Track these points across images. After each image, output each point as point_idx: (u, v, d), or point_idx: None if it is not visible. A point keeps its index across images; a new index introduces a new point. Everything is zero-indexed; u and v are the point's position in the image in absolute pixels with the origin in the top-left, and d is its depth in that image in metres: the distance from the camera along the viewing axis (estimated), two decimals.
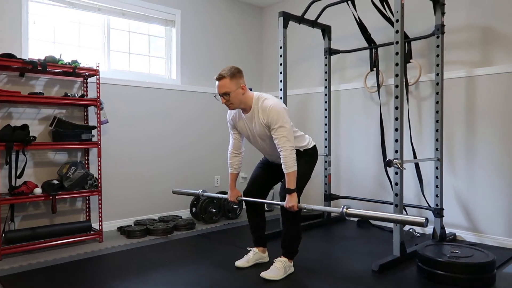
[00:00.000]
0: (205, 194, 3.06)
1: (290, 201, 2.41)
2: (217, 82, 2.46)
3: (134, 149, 3.96)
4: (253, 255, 2.73)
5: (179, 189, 3.35)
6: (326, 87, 4.09)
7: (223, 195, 2.96)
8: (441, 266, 2.40)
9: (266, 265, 2.64)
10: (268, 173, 2.75)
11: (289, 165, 2.41)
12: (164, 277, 2.56)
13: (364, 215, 2.31)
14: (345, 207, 2.27)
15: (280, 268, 2.49)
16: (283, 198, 2.47)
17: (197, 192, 3.09)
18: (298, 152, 2.54)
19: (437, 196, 3.27)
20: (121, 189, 3.86)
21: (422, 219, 2.03)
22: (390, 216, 2.28)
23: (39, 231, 3.13)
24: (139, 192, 4.00)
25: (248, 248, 2.83)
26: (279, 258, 2.56)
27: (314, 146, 2.71)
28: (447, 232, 3.31)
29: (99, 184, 3.39)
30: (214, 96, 2.56)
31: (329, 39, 4.07)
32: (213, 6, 4.67)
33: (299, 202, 2.48)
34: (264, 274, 2.47)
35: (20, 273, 2.62)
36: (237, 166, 2.77)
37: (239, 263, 2.70)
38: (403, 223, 2.36)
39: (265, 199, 2.72)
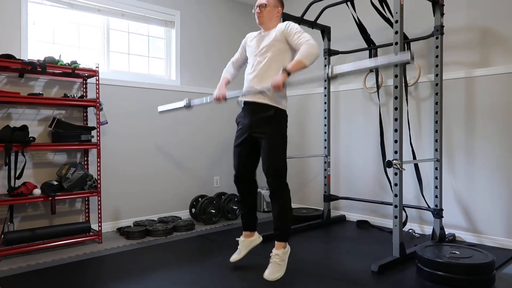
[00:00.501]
0: (192, 103, 2.97)
1: (278, 77, 2.32)
2: None
3: (134, 150, 3.96)
4: (242, 245, 2.74)
5: (165, 107, 3.18)
6: (325, 88, 4.09)
7: (208, 98, 2.83)
8: (441, 267, 2.40)
9: (262, 266, 2.60)
10: (247, 152, 2.67)
11: (304, 54, 2.35)
12: (164, 278, 2.55)
13: (350, 70, 2.21)
14: (330, 66, 2.22)
15: (279, 263, 2.49)
16: (266, 174, 2.51)
17: (183, 103, 2.98)
18: (276, 109, 2.52)
19: (436, 196, 3.27)
20: (120, 190, 3.86)
21: (407, 56, 1.97)
22: (376, 62, 2.21)
23: (38, 232, 3.12)
24: (139, 193, 4.00)
25: (236, 238, 2.83)
26: (273, 252, 2.54)
27: (285, 111, 2.64)
28: (446, 233, 3.31)
29: (99, 185, 3.39)
30: (252, 9, 2.73)
31: (329, 40, 4.07)
32: (213, 7, 4.68)
33: (284, 177, 2.51)
34: (268, 277, 2.46)
35: (19, 274, 2.62)
36: (231, 73, 2.86)
37: (233, 258, 2.73)
38: (389, 65, 2.27)
39: (254, 180, 2.75)
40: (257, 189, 2.81)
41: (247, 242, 2.75)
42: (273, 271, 2.48)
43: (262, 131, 2.53)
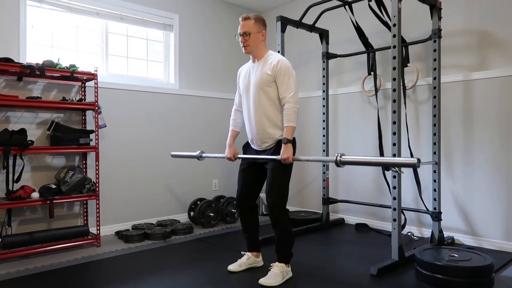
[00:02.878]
0: (204, 155, 3.01)
1: (285, 152, 2.40)
2: (241, 21, 2.56)
3: (132, 153, 3.95)
4: (246, 260, 2.73)
5: (178, 153, 3.26)
6: (324, 91, 4.10)
7: (221, 155, 2.86)
8: (440, 270, 2.40)
9: (260, 270, 2.64)
10: (253, 174, 2.69)
11: (290, 118, 2.43)
12: (162, 281, 2.55)
13: (358, 161, 2.28)
14: (339, 155, 2.23)
15: (277, 273, 2.48)
16: (268, 201, 2.50)
17: (195, 154, 3.03)
18: (277, 143, 2.53)
19: (435, 199, 3.27)
20: (119, 193, 3.85)
21: (414, 160, 1.99)
22: (382, 160, 2.25)
23: (37, 236, 3.11)
24: (137, 196, 3.99)
25: (242, 252, 2.82)
26: (276, 263, 2.55)
27: (294, 138, 2.65)
28: (445, 236, 3.31)
29: (97, 189, 3.38)
30: (235, 36, 2.64)
31: (327, 43, 4.08)
32: (211, 10, 4.69)
33: (284, 204, 2.50)
34: (263, 281, 2.45)
35: (17, 278, 2.61)
36: (238, 123, 2.80)
37: (232, 267, 2.70)
38: (395, 165, 2.32)
39: (255, 205, 2.75)
40: (257, 212, 2.81)
41: (251, 260, 2.75)
42: (269, 277, 2.47)
43: (268, 159, 2.55)
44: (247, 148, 2.73)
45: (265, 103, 2.52)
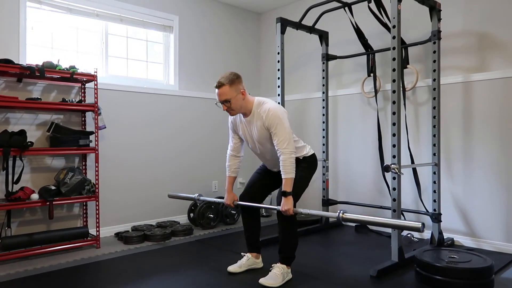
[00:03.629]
0: (201, 198, 3.07)
1: (286, 205, 2.41)
2: (216, 90, 2.48)
3: (132, 155, 3.95)
4: (246, 261, 2.72)
5: (175, 193, 3.34)
6: (323, 93, 4.10)
7: (219, 200, 2.95)
8: (439, 271, 2.40)
9: (259, 271, 2.64)
10: (266, 178, 2.75)
11: (287, 170, 2.42)
12: (162, 283, 2.54)
13: (360, 220, 2.31)
14: (341, 211, 2.27)
15: (278, 274, 2.47)
16: (279, 204, 2.47)
17: (193, 196, 3.09)
18: (297, 159, 2.55)
19: (434, 201, 3.27)
20: (118, 194, 3.85)
21: (419, 224, 2.02)
22: (387, 221, 2.26)
23: (36, 237, 3.11)
24: (137, 198, 3.99)
25: (242, 253, 2.82)
26: (277, 264, 2.55)
27: (313, 155, 2.72)
28: (445, 237, 3.31)
29: (97, 190, 3.38)
30: (216, 104, 2.56)
31: (327, 44, 4.09)
32: (211, 12, 4.69)
33: (295, 207, 2.47)
34: (263, 281, 2.45)
35: (17, 279, 2.60)
36: (235, 169, 2.77)
37: (232, 268, 2.70)
38: (399, 228, 2.35)
39: (259, 210, 2.76)
40: (260, 214, 2.82)
41: (251, 261, 2.74)
42: (269, 277, 2.47)
43: None
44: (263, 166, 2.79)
45: (273, 148, 2.54)
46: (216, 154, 4.62)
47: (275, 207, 2.50)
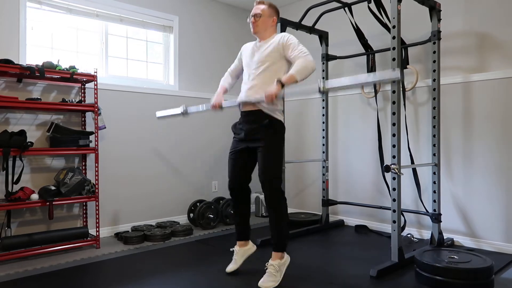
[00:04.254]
0: (188, 110, 2.98)
1: (272, 88, 2.33)
2: (255, 5, 2.66)
3: (132, 155, 3.95)
4: (237, 255, 2.73)
5: (163, 113, 3.19)
6: (323, 93, 4.09)
7: (205, 106, 2.84)
8: (439, 272, 2.40)
9: (259, 271, 2.61)
10: (242, 160, 2.67)
11: (298, 69, 2.34)
12: (162, 283, 2.54)
13: (340, 85, 2.31)
14: (321, 80, 2.25)
15: (274, 273, 2.46)
16: (262, 183, 2.46)
17: (180, 110, 2.99)
18: (272, 118, 2.51)
19: (434, 201, 3.27)
20: (118, 194, 3.85)
21: (397, 74, 2.04)
22: (366, 78, 2.24)
23: (36, 237, 3.11)
24: (137, 198, 3.99)
25: (231, 249, 2.81)
26: (270, 262, 2.51)
27: (282, 122, 2.63)
28: (445, 238, 3.31)
29: (96, 190, 3.38)
30: (247, 17, 2.70)
31: (326, 45, 4.09)
32: (211, 12, 4.70)
33: (279, 184, 2.48)
34: (260, 284, 2.43)
35: (16, 280, 2.60)
36: (228, 82, 2.86)
37: (229, 268, 2.70)
38: (377, 80, 2.29)
39: (248, 189, 2.73)
40: (250, 198, 2.79)
41: (241, 251, 2.74)
42: (266, 280, 2.45)
43: (257, 139, 2.53)
44: (236, 125, 2.71)
45: (269, 77, 2.50)
46: (216, 155, 4.62)
47: (260, 97, 2.41)
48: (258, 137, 2.52)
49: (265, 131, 2.50)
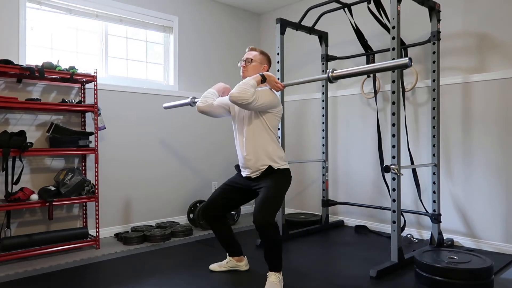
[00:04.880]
0: (196, 100, 2.99)
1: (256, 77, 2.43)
2: (247, 50, 2.68)
3: (132, 155, 3.95)
4: (226, 263, 2.74)
5: (170, 104, 3.26)
6: (323, 93, 4.10)
7: (212, 90, 2.82)
8: (439, 272, 2.40)
9: (262, 275, 2.60)
10: (234, 194, 2.64)
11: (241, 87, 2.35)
12: (162, 284, 2.54)
13: (350, 73, 2.29)
14: (331, 70, 2.26)
15: (276, 282, 2.39)
16: (255, 216, 2.31)
17: (187, 101, 3.09)
18: (270, 169, 2.48)
19: (434, 201, 3.28)
20: (118, 195, 3.85)
21: (406, 60, 2.02)
22: (375, 66, 2.23)
23: (36, 238, 3.11)
24: (137, 198, 3.99)
25: (227, 255, 2.80)
26: (270, 272, 2.44)
27: (289, 170, 2.60)
28: (444, 238, 3.31)
29: (96, 191, 3.38)
30: (238, 62, 2.68)
31: (326, 45, 4.09)
32: (211, 12, 4.70)
33: (274, 220, 2.35)
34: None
35: (16, 280, 2.60)
36: (213, 100, 2.76)
37: (212, 266, 2.74)
38: (387, 69, 2.22)
39: (225, 219, 2.69)
40: (227, 220, 2.74)
41: (232, 263, 2.74)
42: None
43: (261, 183, 2.49)
44: (238, 174, 2.68)
45: (260, 134, 2.49)
46: (215, 155, 4.62)
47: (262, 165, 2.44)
48: (262, 182, 2.48)
49: (269, 176, 2.48)
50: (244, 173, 2.61)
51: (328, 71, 2.28)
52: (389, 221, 2.89)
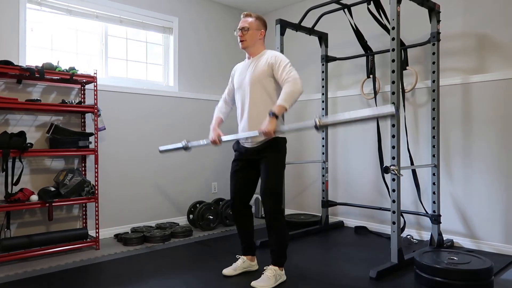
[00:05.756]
0: (190, 144, 2.92)
1: (268, 125, 2.29)
2: (242, 18, 2.60)
3: (132, 156, 3.95)
4: (241, 263, 2.72)
5: (165, 147, 3.18)
6: (323, 94, 4.10)
7: (206, 140, 2.79)
8: (439, 273, 2.40)
9: (256, 274, 2.62)
10: (245, 175, 2.65)
11: (286, 98, 2.32)
12: (161, 285, 2.54)
13: (337, 121, 2.23)
14: (317, 117, 2.19)
15: (270, 276, 2.46)
16: (263, 199, 2.45)
17: (180, 145, 2.95)
18: (275, 139, 2.47)
19: (434, 202, 3.27)
20: (118, 196, 3.85)
21: (392, 109, 2.00)
22: (361, 115, 2.14)
23: (35, 239, 3.11)
24: (136, 199, 3.99)
25: (237, 256, 2.81)
26: (269, 266, 2.53)
27: (285, 139, 2.61)
28: (444, 239, 3.31)
29: (96, 191, 3.38)
30: (234, 31, 2.63)
31: (326, 46, 4.09)
32: (210, 13, 4.70)
33: (280, 203, 2.46)
34: (255, 284, 2.44)
35: (16, 281, 2.60)
36: (223, 112, 2.77)
37: (226, 271, 2.68)
38: (373, 117, 2.20)
39: (249, 205, 2.71)
40: (252, 215, 2.77)
41: (247, 264, 2.73)
42: (261, 280, 2.45)
43: (261, 155, 2.51)
44: (237, 147, 2.68)
45: (261, 99, 2.48)
46: (215, 156, 4.62)
47: (255, 132, 2.37)
48: (261, 154, 2.51)
49: (267, 148, 2.49)
50: (246, 144, 2.58)
51: (314, 119, 2.19)
52: (389, 222, 2.89)
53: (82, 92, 3.55)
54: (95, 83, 3.39)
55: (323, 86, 4.11)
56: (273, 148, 2.50)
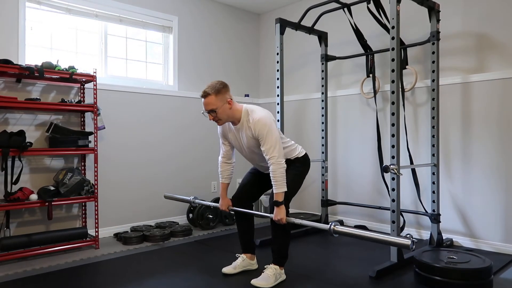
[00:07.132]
0: (196, 201, 3.06)
1: (278, 214, 2.39)
2: (202, 99, 2.46)
3: (131, 155, 3.95)
4: (240, 262, 2.72)
5: (171, 195, 3.34)
6: (323, 93, 4.10)
7: (214, 204, 2.93)
8: (438, 272, 2.40)
9: (256, 273, 2.62)
10: (258, 179, 2.74)
11: (278, 184, 2.39)
12: (161, 284, 2.54)
13: (351, 234, 2.28)
14: (333, 224, 2.28)
15: (270, 275, 2.47)
16: (272, 207, 2.45)
17: (189, 198, 3.09)
18: (288, 160, 2.54)
19: (433, 201, 3.28)
20: (117, 195, 3.85)
21: (409, 242, 1.99)
22: (377, 237, 2.18)
23: (35, 238, 3.11)
24: (136, 198, 3.99)
25: (236, 254, 2.81)
26: (270, 265, 2.54)
27: (306, 155, 2.70)
28: (444, 238, 3.32)
29: (96, 190, 3.38)
30: (202, 113, 2.53)
31: (326, 45, 4.09)
32: (210, 12, 4.70)
33: (289, 208, 2.48)
34: (255, 282, 2.45)
35: (15, 280, 2.60)
36: (227, 176, 2.76)
37: (226, 269, 2.69)
38: (389, 244, 2.29)
39: (253, 205, 2.75)
40: (252, 216, 2.80)
41: (246, 262, 2.74)
42: (261, 278, 2.47)
43: None
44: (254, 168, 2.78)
45: (263, 157, 2.51)
46: (215, 155, 4.57)
47: (268, 214, 2.49)
48: None
49: (289, 164, 2.54)
50: (264, 171, 2.68)
51: (330, 224, 2.30)
52: (389, 221, 2.89)
53: (82, 91, 3.55)
54: (94, 82, 3.39)
55: (322, 85, 4.11)
56: (292, 162, 2.59)
